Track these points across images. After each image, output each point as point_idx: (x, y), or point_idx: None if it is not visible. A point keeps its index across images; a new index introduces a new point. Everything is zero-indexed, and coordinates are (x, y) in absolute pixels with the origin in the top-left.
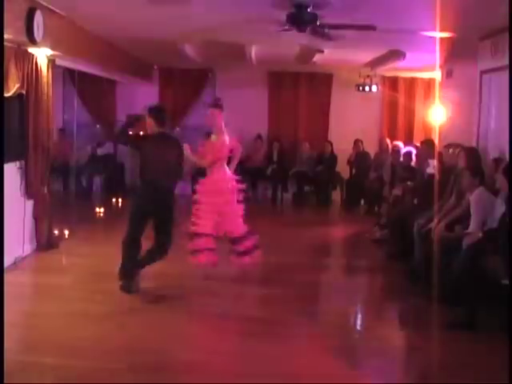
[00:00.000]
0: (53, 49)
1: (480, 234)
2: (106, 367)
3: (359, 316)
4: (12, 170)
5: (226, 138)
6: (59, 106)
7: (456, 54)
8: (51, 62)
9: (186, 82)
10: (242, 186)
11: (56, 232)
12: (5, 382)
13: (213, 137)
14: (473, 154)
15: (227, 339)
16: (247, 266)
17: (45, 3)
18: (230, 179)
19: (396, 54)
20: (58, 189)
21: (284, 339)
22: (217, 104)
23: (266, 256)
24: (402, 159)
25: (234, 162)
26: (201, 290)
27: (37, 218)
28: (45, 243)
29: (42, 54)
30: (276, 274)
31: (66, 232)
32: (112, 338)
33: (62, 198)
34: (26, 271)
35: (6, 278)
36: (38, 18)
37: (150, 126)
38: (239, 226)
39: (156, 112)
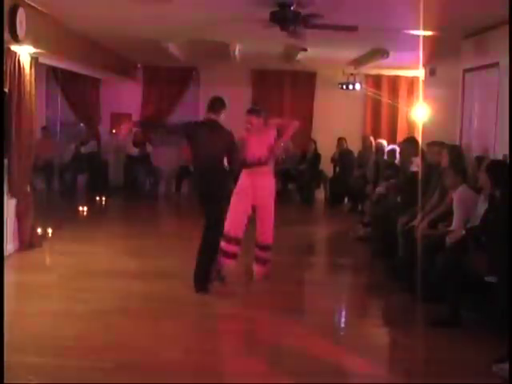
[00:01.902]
0: (36, 47)
1: (463, 232)
2: (91, 366)
3: (343, 314)
4: None
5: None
6: (42, 105)
7: (439, 52)
8: (34, 59)
9: (171, 81)
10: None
11: (39, 231)
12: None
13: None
14: (456, 152)
15: (212, 338)
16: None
17: (28, 0)
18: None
19: (379, 53)
20: (42, 187)
21: (268, 338)
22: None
23: (250, 254)
24: (385, 157)
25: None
26: (187, 290)
27: (20, 216)
28: (28, 242)
29: (24, 52)
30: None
31: (50, 231)
32: (97, 336)
33: (46, 196)
34: (10, 270)
35: None
36: (21, 15)
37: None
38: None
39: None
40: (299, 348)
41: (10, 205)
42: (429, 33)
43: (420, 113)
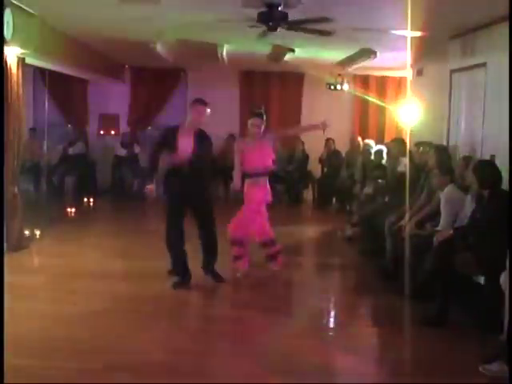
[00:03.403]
0: (23, 47)
1: (451, 231)
2: (80, 367)
3: (332, 314)
4: None
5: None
6: (30, 106)
7: (426, 53)
8: (21, 60)
9: (158, 82)
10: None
11: (27, 232)
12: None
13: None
14: (443, 153)
15: (201, 339)
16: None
17: (15, 1)
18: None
19: (367, 53)
20: (29, 189)
21: (257, 338)
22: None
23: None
24: (373, 158)
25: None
26: (175, 290)
27: (7, 218)
28: (15, 244)
29: (11, 53)
30: (248, 273)
31: (37, 232)
32: (86, 338)
33: (33, 198)
34: None
35: None
36: (8, 15)
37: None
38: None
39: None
40: (288, 348)
41: None
42: (416, 33)
43: (407, 113)
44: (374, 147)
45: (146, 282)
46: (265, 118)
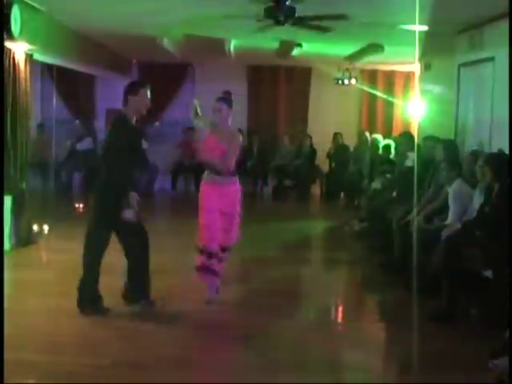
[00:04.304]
0: (30, 44)
1: (459, 226)
2: (88, 363)
3: (339, 309)
4: None
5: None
6: (37, 102)
7: (434, 47)
8: (29, 57)
9: (165, 77)
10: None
11: (35, 228)
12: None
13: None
14: (451, 147)
15: (209, 333)
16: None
17: None
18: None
19: (375, 48)
20: (37, 185)
21: (265, 333)
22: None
23: (246, 250)
24: (380, 152)
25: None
26: (182, 285)
27: (16, 214)
28: (24, 239)
29: (19, 49)
30: (256, 269)
31: (46, 228)
32: (93, 333)
33: (41, 193)
34: (6, 267)
35: None
36: (16, 12)
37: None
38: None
39: None
40: (295, 343)
41: (6, 202)
42: (424, 28)
43: (415, 108)
44: (382, 142)
45: (153, 277)
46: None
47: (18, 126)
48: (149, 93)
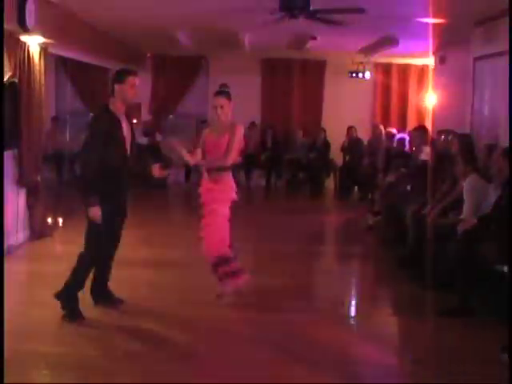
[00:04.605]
0: (45, 37)
1: (475, 220)
2: (101, 354)
3: (354, 302)
4: (5, 158)
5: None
6: (52, 94)
7: (449, 40)
8: (43, 49)
9: (179, 70)
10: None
11: (50, 220)
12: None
13: (214, 131)
14: (466, 141)
15: (223, 325)
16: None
17: None
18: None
19: (389, 41)
20: (52, 177)
21: (279, 326)
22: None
23: (260, 243)
24: (395, 146)
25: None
26: (197, 278)
27: (30, 206)
28: (38, 231)
29: (34, 42)
30: (269, 262)
31: (60, 220)
32: (107, 325)
33: (56, 186)
34: (20, 259)
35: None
36: (30, 5)
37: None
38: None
39: None
40: (309, 336)
41: (20, 194)
42: (439, 20)
43: (430, 101)
44: (396, 135)
45: (167, 270)
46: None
47: (32, 119)
48: (137, 81)
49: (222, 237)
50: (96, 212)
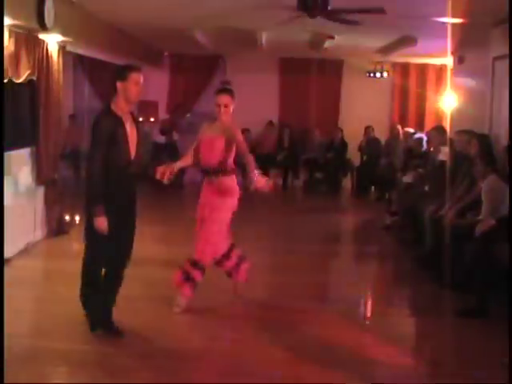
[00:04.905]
0: (63, 35)
1: (493, 221)
2: (118, 352)
3: (370, 303)
4: (23, 156)
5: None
6: (70, 93)
7: (468, 40)
8: (62, 48)
9: (197, 69)
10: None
11: (67, 218)
12: (18, 365)
13: (211, 130)
14: (485, 141)
15: (238, 325)
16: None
17: None
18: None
19: (407, 40)
20: (69, 175)
21: (294, 325)
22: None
23: (276, 243)
24: (412, 146)
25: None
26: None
27: (48, 204)
28: (56, 229)
29: (52, 41)
30: (285, 261)
31: (77, 218)
32: (124, 323)
33: (73, 184)
34: (37, 257)
35: (17, 263)
36: (49, 4)
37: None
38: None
39: None
40: (325, 336)
41: (38, 192)
42: (458, 20)
43: (448, 101)
44: (414, 135)
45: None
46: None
47: (50, 117)
48: (141, 78)
49: (215, 243)
50: (102, 222)
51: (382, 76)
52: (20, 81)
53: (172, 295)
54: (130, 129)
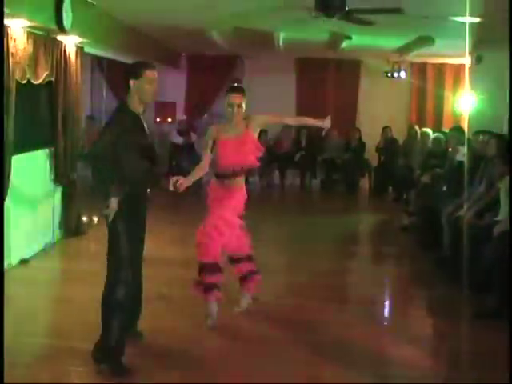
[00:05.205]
0: (81, 36)
1: None
2: (136, 352)
3: (388, 304)
4: (42, 156)
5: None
6: (87, 93)
7: (486, 39)
8: (80, 49)
9: (215, 69)
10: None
11: (85, 218)
12: (36, 365)
13: (230, 132)
14: (503, 142)
15: (258, 326)
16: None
17: None
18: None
19: (425, 40)
20: (87, 175)
21: (312, 326)
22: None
23: (294, 243)
24: (430, 146)
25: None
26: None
27: (66, 204)
28: (74, 229)
29: (70, 42)
30: (303, 262)
31: (95, 218)
32: (142, 323)
33: (91, 184)
34: (56, 257)
35: (36, 263)
36: (67, 5)
37: None
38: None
39: None
40: (343, 337)
41: (56, 193)
42: (476, 19)
43: (466, 101)
44: (432, 136)
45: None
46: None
47: (68, 118)
48: (156, 76)
49: (222, 233)
50: (115, 204)
51: (399, 76)
52: (38, 82)
53: (187, 295)
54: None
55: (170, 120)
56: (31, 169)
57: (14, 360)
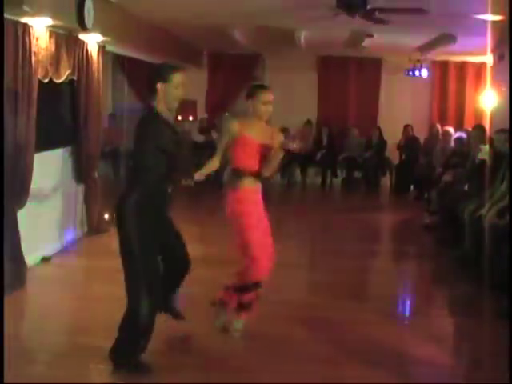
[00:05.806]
0: (103, 35)
1: None
2: (156, 350)
3: (409, 302)
4: (64, 154)
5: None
6: (109, 92)
7: (508, 37)
8: (101, 48)
9: (236, 68)
10: None
11: (106, 216)
12: (57, 362)
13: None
14: None
15: (277, 324)
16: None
17: None
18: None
19: (447, 38)
20: (109, 174)
21: (333, 325)
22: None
23: (314, 241)
24: (452, 144)
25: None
26: None
27: (88, 202)
28: (95, 227)
29: (92, 41)
30: (325, 260)
31: None
32: (160, 321)
33: (113, 183)
34: (77, 255)
35: (58, 261)
36: (89, 4)
37: None
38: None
39: None
40: (364, 335)
41: (78, 191)
42: (497, 17)
43: (488, 100)
44: (454, 134)
45: (221, 268)
46: None
47: (90, 116)
48: (184, 79)
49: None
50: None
51: (420, 74)
52: (60, 80)
53: (211, 295)
54: None
55: (191, 118)
56: (53, 167)
57: (35, 357)
